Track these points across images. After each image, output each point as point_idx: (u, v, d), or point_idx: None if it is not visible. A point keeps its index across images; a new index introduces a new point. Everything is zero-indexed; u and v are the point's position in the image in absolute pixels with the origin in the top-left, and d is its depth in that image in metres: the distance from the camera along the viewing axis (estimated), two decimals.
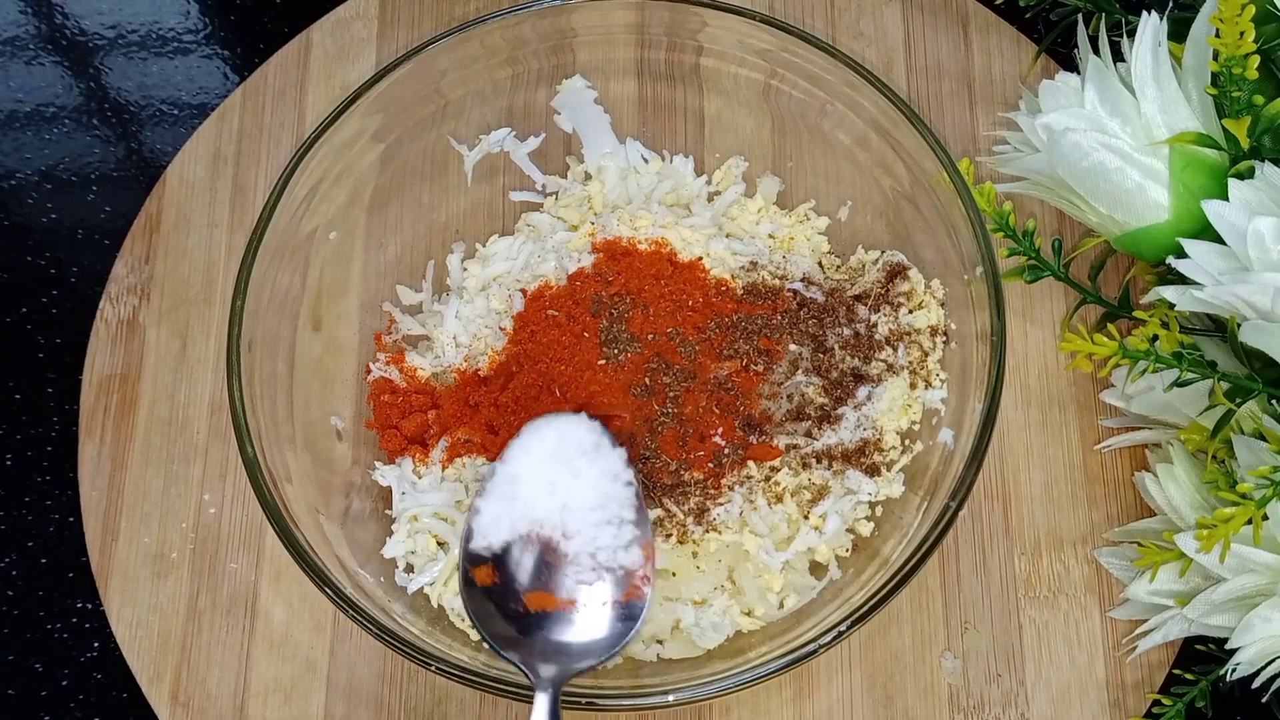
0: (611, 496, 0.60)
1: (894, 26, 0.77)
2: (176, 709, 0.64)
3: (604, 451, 0.61)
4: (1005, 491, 0.67)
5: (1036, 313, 0.70)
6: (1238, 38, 0.53)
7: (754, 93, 0.71)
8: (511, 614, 0.57)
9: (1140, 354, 0.55)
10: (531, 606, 0.58)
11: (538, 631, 0.57)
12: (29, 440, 0.71)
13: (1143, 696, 0.63)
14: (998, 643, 0.64)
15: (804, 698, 0.64)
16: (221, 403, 0.69)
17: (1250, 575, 0.56)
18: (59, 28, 0.81)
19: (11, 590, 0.68)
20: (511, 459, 0.61)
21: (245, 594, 0.66)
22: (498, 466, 0.61)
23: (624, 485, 0.60)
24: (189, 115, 0.78)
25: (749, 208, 0.72)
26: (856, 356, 0.66)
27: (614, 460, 0.61)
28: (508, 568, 0.58)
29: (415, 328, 0.70)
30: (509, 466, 0.61)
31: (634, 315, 0.65)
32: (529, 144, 0.73)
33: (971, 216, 0.61)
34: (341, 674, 0.65)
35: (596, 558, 0.58)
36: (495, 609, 0.58)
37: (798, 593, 0.63)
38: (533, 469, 0.60)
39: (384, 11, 0.78)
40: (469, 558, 0.59)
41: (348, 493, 0.65)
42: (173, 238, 0.73)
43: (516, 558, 0.58)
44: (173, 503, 0.68)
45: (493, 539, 0.59)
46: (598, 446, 0.61)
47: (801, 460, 0.64)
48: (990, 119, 0.74)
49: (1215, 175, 0.58)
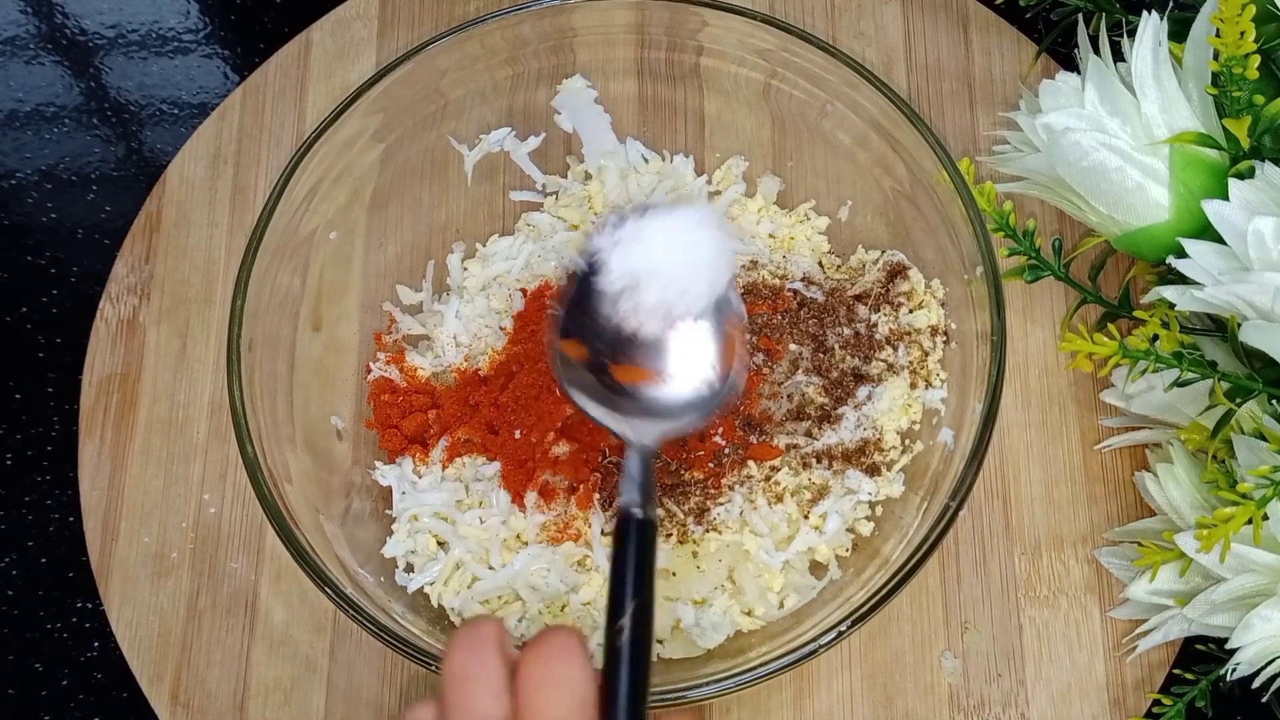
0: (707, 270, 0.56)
1: (894, 26, 0.77)
2: (176, 709, 0.64)
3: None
4: (1005, 491, 0.67)
5: (1036, 313, 0.70)
6: (1238, 37, 0.53)
7: (754, 93, 0.71)
8: (602, 385, 0.55)
9: (1140, 354, 0.55)
10: (621, 379, 0.56)
11: (628, 400, 0.55)
12: (29, 440, 0.71)
13: (1143, 696, 0.63)
14: (998, 643, 0.64)
15: (804, 698, 0.64)
16: (221, 403, 0.69)
17: (1250, 575, 0.56)
18: (59, 27, 0.81)
19: (11, 590, 0.68)
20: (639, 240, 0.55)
21: (245, 594, 0.66)
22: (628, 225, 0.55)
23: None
24: (189, 115, 0.78)
25: (749, 207, 0.72)
26: (856, 356, 0.66)
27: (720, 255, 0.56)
28: (599, 335, 0.56)
29: (415, 327, 0.70)
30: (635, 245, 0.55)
31: None
32: (529, 144, 0.73)
33: (972, 216, 0.61)
34: (341, 674, 0.65)
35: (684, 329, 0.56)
36: (588, 380, 0.56)
37: (798, 593, 0.63)
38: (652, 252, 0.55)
39: (384, 11, 0.78)
40: (561, 330, 0.56)
41: (348, 492, 0.65)
42: (173, 237, 0.73)
43: (609, 329, 0.56)
44: (173, 502, 0.68)
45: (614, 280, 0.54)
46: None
47: (801, 460, 0.64)
48: (990, 119, 0.74)
49: (1215, 175, 0.58)
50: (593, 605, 0.62)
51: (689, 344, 0.56)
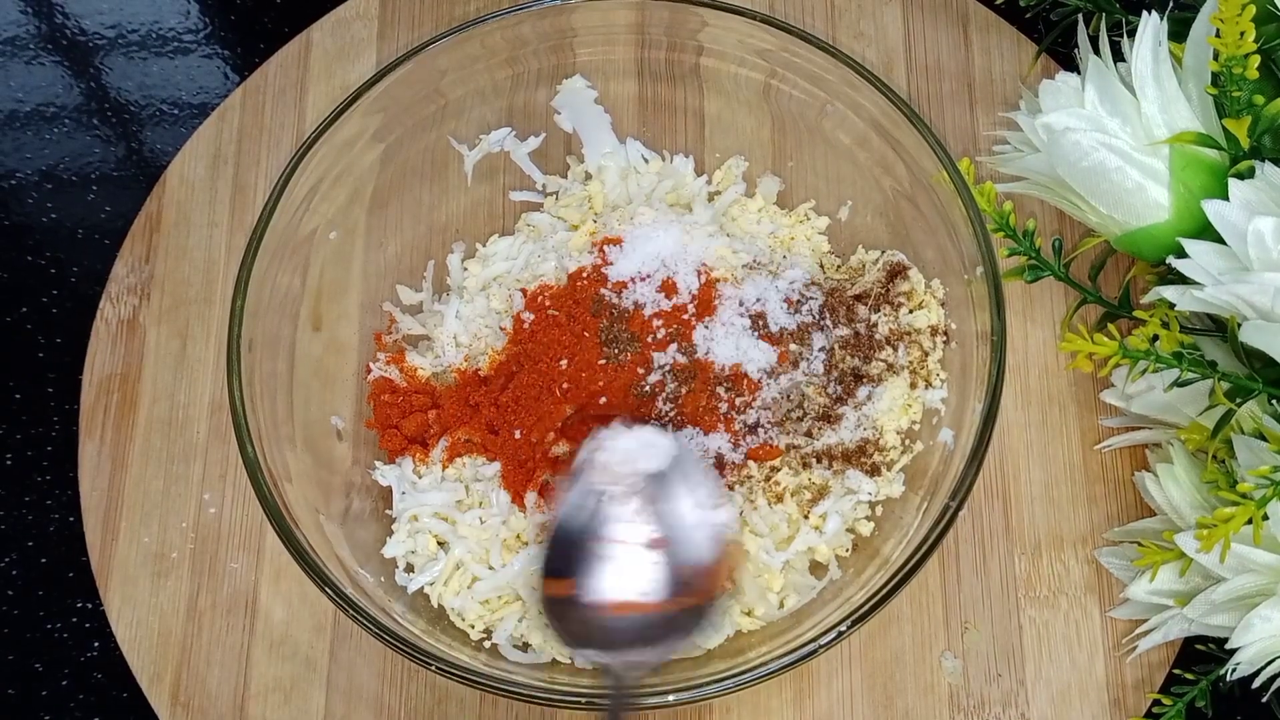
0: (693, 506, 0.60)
1: (894, 26, 0.77)
2: (176, 709, 0.64)
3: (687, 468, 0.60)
4: (1005, 491, 0.67)
5: (1036, 313, 0.70)
6: (1238, 38, 0.53)
7: (754, 93, 0.71)
8: (590, 622, 0.58)
9: (1140, 354, 0.55)
10: (606, 612, 0.58)
11: (615, 631, 0.57)
12: (29, 440, 0.71)
13: (1143, 696, 0.63)
14: (998, 643, 0.64)
15: (804, 698, 0.64)
16: (221, 403, 0.69)
17: (1250, 575, 0.56)
18: (59, 28, 0.81)
19: (11, 590, 0.68)
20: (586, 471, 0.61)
21: (245, 594, 0.66)
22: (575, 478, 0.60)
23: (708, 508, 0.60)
24: (189, 115, 0.78)
25: (749, 208, 0.72)
26: (856, 356, 0.66)
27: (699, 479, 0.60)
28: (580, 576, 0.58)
29: (415, 327, 0.70)
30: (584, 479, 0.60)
31: (634, 315, 0.65)
32: (529, 144, 0.73)
33: (971, 216, 0.61)
34: (341, 674, 0.65)
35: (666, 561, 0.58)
36: (576, 620, 0.58)
37: (798, 593, 0.63)
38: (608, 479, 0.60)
39: (384, 11, 0.78)
40: (546, 570, 0.59)
41: (348, 492, 0.65)
42: (173, 237, 0.73)
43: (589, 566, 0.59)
44: (173, 502, 0.68)
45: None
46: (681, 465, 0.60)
47: (801, 460, 0.64)
48: (990, 119, 0.74)
49: (1215, 175, 0.58)
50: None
51: (668, 563, 0.58)
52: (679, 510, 0.59)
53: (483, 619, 0.63)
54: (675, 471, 0.60)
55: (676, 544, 0.58)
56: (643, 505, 0.59)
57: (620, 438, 0.60)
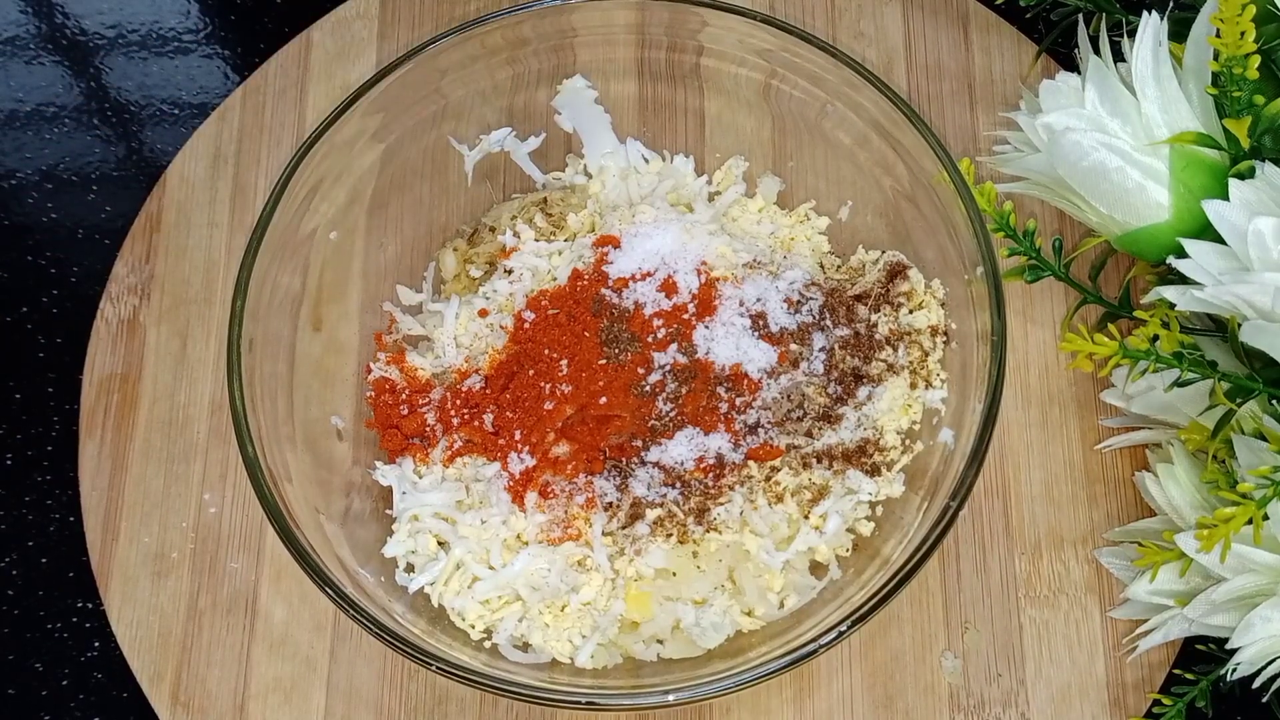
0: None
1: (894, 26, 0.77)
2: (176, 709, 0.64)
3: None
4: (1005, 491, 0.67)
5: (1037, 313, 0.70)
6: (1238, 38, 0.53)
7: (754, 93, 0.71)
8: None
9: (1140, 354, 0.55)
10: None
11: None
12: (29, 440, 0.71)
13: (1143, 696, 0.63)
14: (998, 642, 0.64)
15: (804, 698, 0.64)
16: (221, 403, 0.69)
17: (1250, 575, 0.56)
18: (59, 28, 0.81)
19: (11, 590, 0.68)
20: None
21: (245, 594, 0.66)
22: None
23: None
24: (189, 115, 0.78)
25: (749, 208, 0.72)
26: (857, 356, 0.66)
27: None
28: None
29: (415, 328, 0.70)
30: None
31: (635, 315, 0.65)
32: (529, 144, 0.73)
33: (972, 216, 0.61)
34: (341, 674, 0.65)
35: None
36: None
37: (798, 593, 0.63)
38: None
39: (384, 11, 0.78)
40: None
41: (348, 492, 0.65)
42: (173, 237, 0.73)
43: None
44: (173, 503, 0.68)
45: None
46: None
47: (802, 460, 0.64)
48: (990, 119, 0.74)
49: (1215, 175, 0.58)
50: (592, 605, 0.62)
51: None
52: None
53: (483, 619, 0.63)
54: None
55: None
56: None
57: None
